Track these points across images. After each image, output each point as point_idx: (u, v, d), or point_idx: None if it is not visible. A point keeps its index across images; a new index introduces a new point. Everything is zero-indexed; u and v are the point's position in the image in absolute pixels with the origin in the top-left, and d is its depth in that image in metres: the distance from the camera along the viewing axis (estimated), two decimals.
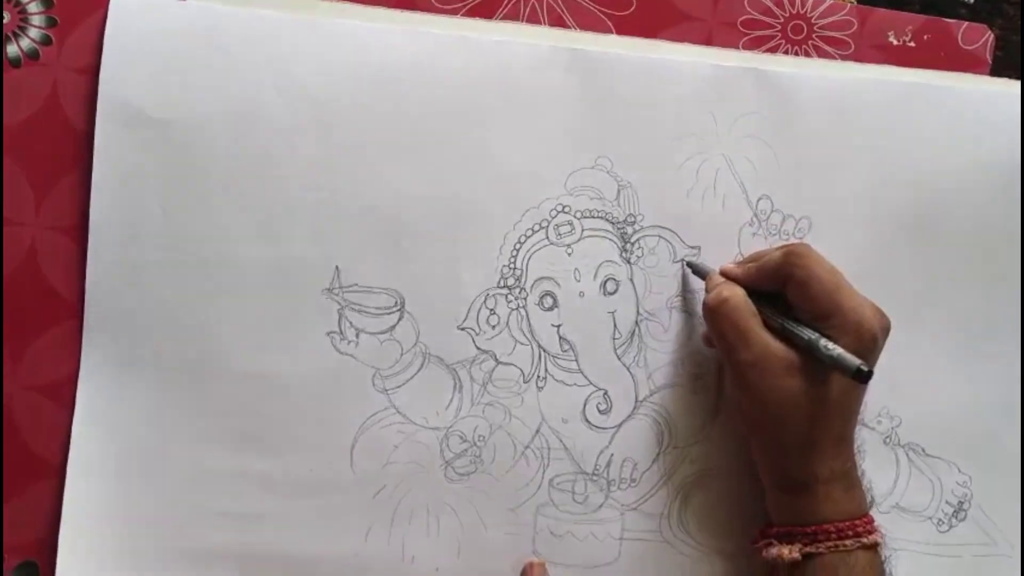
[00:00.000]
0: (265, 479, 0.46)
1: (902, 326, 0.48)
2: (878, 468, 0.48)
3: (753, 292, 0.44)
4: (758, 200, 0.48)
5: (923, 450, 0.49)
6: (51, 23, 0.45)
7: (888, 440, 0.49)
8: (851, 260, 0.48)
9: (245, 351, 0.46)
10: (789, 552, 0.42)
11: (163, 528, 0.45)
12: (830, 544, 0.41)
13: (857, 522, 0.42)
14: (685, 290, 0.48)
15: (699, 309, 0.47)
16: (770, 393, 0.42)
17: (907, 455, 0.49)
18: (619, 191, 0.48)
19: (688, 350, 0.48)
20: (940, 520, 0.49)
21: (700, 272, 0.47)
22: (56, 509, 0.45)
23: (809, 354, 0.41)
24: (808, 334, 0.41)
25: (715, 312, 0.44)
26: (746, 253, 0.48)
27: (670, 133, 0.48)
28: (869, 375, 0.39)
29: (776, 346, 0.42)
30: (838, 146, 0.48)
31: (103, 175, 0.45)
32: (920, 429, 0.49)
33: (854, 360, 0.39)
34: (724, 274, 0.46)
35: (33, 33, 0.45)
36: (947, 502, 0.49)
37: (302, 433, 0.46)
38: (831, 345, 0.40)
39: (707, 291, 0.45)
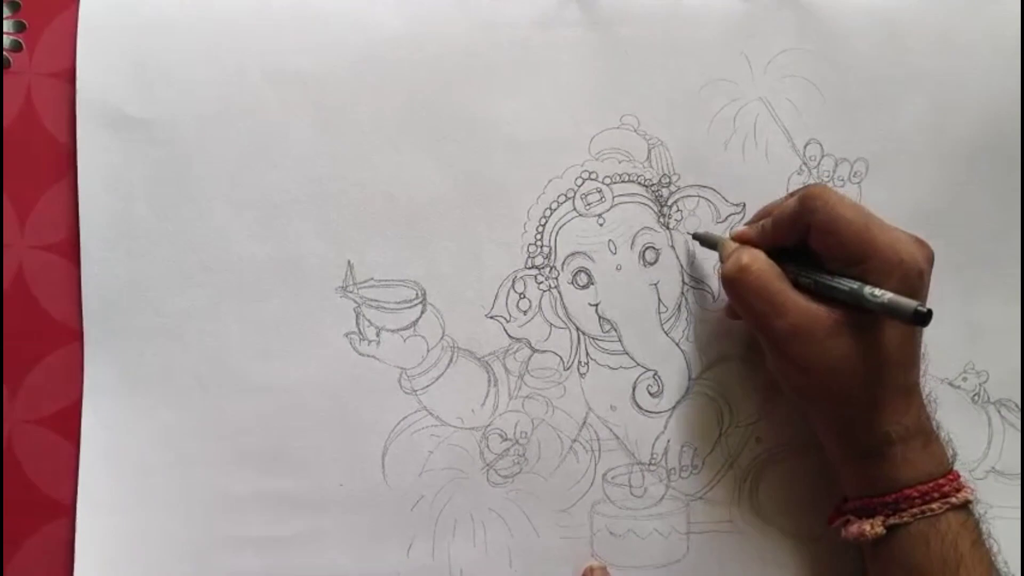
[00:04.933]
0: (292, 498, 0.43)
1: (978, 268, 0.45)
2: (968, 430, 0.44)
3: (773, 251, 0.39)
4: (806, 145, 0.44)
5: (1016, 406, 0.45)
6: (20, 27, 0.42)
7: (977, 398, 0.45)
8: (919, 200, 0.45)
9: (258, 361, 0.43)
10: (871, 528, 0.38)
11: (183, 560, 0.43)
12: (915, 511, 0.37)
13: (941, 481, 0.37)
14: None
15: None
16: (819, 359, 0.37)
17: (999, 412, 0.45)
18: (650, 151, 0.44)
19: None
20: None
21: (709, 242, 0.43)
22: (70, 549, 0.42)
23: (853, 307, 0.37)
24: (848, 284, 0.37)
25: (737, 282, 0.39)
26: None
27: (699, 81, 0.44)
28: (928, 315, 0.34)
29: (814, 307, 0.37)
30: (891, 76, 0.44)
31: (90, 184, 0.43)
32: (1011, 383, 0.45)
33: (909, 303, 0.35)
34: (737, 239, 0.41)
35: (2, 40, 0.42)
36: None
37: (328, 445, 0.43)
38: (878, 291, 0.36)
39: (722, 261, 0.41)
